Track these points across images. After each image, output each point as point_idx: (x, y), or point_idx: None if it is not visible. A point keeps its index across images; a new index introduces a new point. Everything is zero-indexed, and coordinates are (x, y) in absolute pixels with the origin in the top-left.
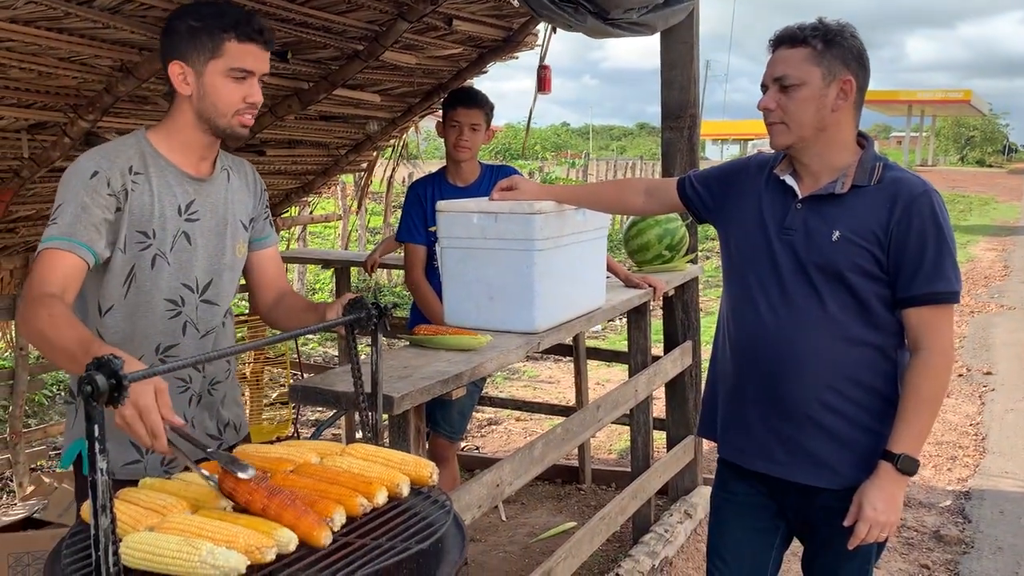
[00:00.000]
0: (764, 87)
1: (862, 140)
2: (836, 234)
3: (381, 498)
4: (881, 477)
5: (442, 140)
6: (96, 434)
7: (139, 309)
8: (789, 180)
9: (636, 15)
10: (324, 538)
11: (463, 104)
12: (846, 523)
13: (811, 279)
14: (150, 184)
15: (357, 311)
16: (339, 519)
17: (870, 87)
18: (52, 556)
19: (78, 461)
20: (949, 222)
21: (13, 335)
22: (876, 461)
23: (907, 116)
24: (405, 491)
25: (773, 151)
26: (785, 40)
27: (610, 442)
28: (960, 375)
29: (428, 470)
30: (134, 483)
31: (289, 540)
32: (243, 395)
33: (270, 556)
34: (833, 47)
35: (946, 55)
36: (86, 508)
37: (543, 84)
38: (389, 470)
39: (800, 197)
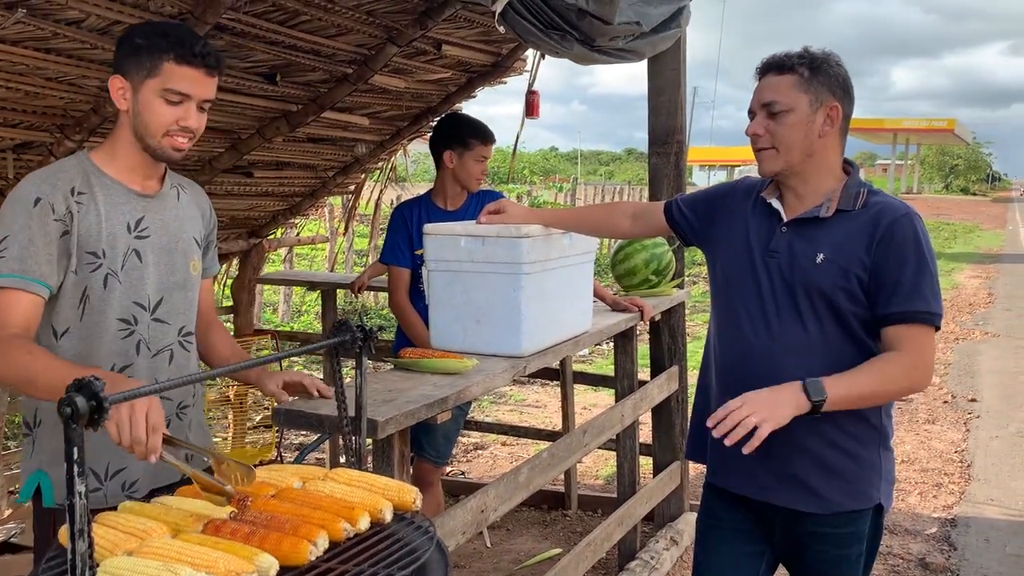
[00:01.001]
0: (751, 113)
1: (847, 166)
2: (820, 256)
3: (364, 524)
4: (784, 384)
5: (432, 162)
6: (75, 457)
7: (93, 330)
8: (775, 203)
9: (623, 42)
10: (308, 553)
11: (492, 141)
12: (721, 407)
13: (796, 302)
14: (96, 203)
15: (342, 333)
16: (322, 543)
17: (856, 115)
18: None
19: (36, 494)
20: (931, 247)
21: None
22: (863, 487)
23: (892, 144)
24: (388, 517)
25: (761, 177)
26: (772, 67)
27: (596, 467)
28: (945, 402)
29: (411, 496)
30: (95, 512)
31: (270, 565)
32: (227, 418)
33: None
34: (819, 74)
35: (930, 84)
36: (64, 532)
37: (531, 109)
38: (372, 495)
39: (785, 220)
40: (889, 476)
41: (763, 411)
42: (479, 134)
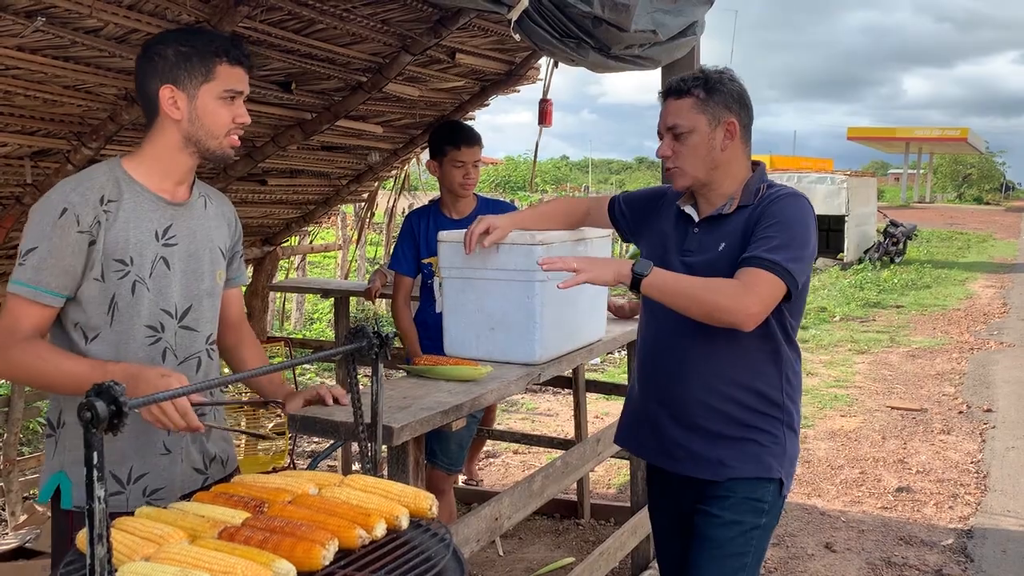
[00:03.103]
0: (660, 135)
1: (754, 167)
2: (722, 245)
3: (380, 530)
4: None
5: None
6: (95, 461)
7: (122, 336)
8: (689, 210)
9: (638, 50)
10: (321, 559)
11: (467, 144)
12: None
13: None
14: (124, 211)
15: (358, 340)
16: (333, 549)
17: (867, 124)
18: None
19: (56, 496)
20: (808, 224)
21: None
22: (763, 456)
23: (905, 153)
24: (404, 523)
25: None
26: (672, 92)
27: (609, 476)
28: (960, 412)
29: (428, 502)
30: (115, 515)
31: (288, 571)
32: (240, 425)
33: None
34: (714, 94)
35: (943, 93)
36: (82, 537)
37: (544, 117)
38: (388, 502)
39: (697, 222)
40: (791, 457)
41: (586, 265)
42: (451, 139)
